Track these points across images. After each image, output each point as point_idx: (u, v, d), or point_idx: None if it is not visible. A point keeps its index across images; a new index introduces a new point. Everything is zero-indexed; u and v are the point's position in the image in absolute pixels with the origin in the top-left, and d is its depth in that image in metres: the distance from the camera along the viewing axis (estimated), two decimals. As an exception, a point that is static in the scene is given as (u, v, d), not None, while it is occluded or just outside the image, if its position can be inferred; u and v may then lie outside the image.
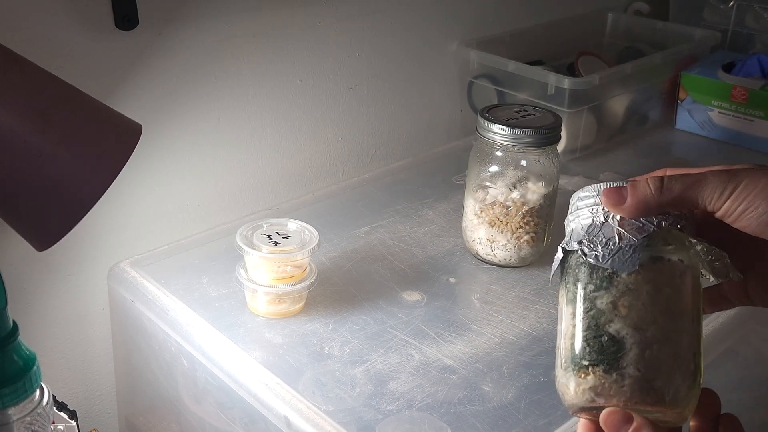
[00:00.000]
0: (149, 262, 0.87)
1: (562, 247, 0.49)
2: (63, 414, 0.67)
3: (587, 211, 0.48)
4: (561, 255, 0.49)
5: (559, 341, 0.48)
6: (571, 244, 0.48)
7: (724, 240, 0.49)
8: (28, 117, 0.60)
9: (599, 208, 0.48)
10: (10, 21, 0.76)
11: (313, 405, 0.68)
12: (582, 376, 0.45)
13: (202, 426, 0.79)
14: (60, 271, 0.88)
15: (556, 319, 0.49)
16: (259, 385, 0.70)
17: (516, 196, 0.86)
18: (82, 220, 0.62)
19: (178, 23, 0.89)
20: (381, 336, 0.77)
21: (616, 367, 0.44)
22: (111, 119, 0.67)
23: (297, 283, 0.78)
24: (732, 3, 1.44)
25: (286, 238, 0.79)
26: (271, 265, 0.77)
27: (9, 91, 0.60)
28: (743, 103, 1.22)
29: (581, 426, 0.48)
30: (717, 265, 0.49)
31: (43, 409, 0.57)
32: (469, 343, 0.77)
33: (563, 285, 0.48)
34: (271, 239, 0.78)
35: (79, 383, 0.94)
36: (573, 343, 0.46)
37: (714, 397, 0.48)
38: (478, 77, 1.22)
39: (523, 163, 0.87)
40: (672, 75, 1.28)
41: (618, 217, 0.47)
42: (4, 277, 0.54)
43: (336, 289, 0.84)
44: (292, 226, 0.81)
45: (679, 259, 0.46)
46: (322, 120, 1.09)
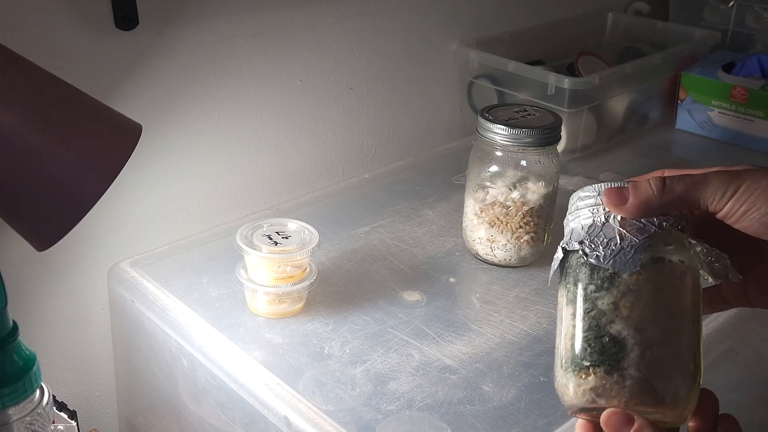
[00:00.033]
0: (149, 262, 0.87)
1: (562, 246, 0.49)
2: (63, 414, 0.67)
3: (588, 211, 0.48)
4: (561, 255, 0.48)
5: (558, 341, 0.47)
6: (571, 244, 0.48)
7: (724, 241, 0.49)
8: (28, 117, 0.60)
9: (600, 208, 0.47)
10: (10, 21, 0.76)
11: (313, 405, 0.68)
12: (582, 377, 0.45)
13: (202, 426, 0.79)
14: (60, 271, 0.88)
15: (556, 319, 0.49)
16: (259, 385, 0.70)
17: (516, 196, 0.86)
18: (82, 220, 0.62)
19: (178, 23, 0.89)
20: (381, 336, 0.77)
21: (617, 368, 0.44)
22: (111, 119, 0.67)
23: (297, 283, 0.78)
24: (732, 3, 1.44)
25: (286, 238, 0.79)
26: (271, 265, 0.77)
27: (9, 91, 0.60)
28: (743, 103, 1.21)
29: (579, 426, 0.48)
30: (716, 266, 0.49)
31: (43, 409, 0.57)
32: (469, 343, 0.77)
33: (563, 285, 0.48)
34: (271, 239, 0.78)
35: (79, 383, 0.94)
36: (573, 344, 0.46)
37: (712, 398, 0.48)
38: (478, 77, 1.22)
39: (523, 163, 0.87)
40: (672, 75, 1.28)
41: (619, 217, 0.47)
42: (4, 277, 0.54)
43: (336, 289, 0.84)
44: (292, 226, 0.81)
45: (679, 259, 0.46)
46: (322, 120, 1.09)
